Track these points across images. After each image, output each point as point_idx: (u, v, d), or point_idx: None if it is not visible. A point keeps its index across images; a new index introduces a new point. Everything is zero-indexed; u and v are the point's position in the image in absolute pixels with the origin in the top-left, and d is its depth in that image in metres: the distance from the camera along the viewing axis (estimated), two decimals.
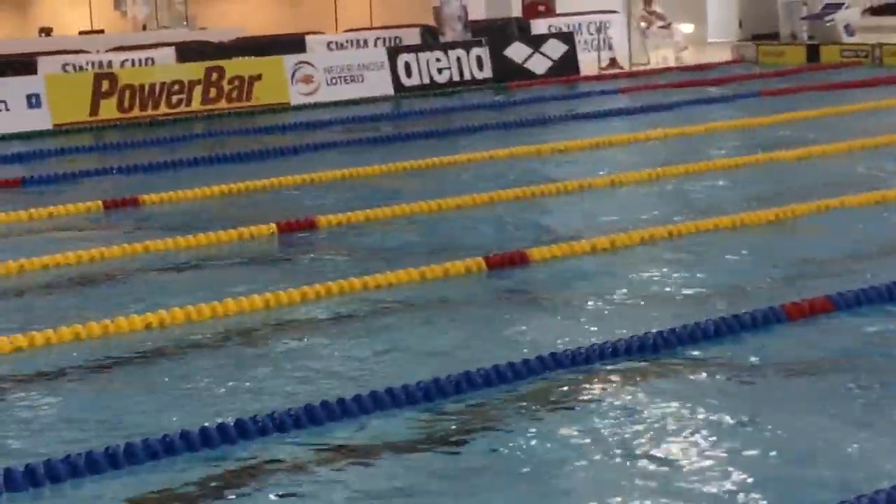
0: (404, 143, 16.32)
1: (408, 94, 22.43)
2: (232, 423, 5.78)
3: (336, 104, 21.33)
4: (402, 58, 23.02)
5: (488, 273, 8.83)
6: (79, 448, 5.59)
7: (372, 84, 22.45)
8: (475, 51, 23.61)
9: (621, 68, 25.43)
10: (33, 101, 19.84)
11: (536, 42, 24.43)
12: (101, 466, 5.44)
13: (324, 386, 6.53)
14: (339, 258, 9.70)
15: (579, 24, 26.59)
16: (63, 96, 20.09)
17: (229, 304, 8.06)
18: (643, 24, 26.79)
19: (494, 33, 24.96)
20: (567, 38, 24.65)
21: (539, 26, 26.62)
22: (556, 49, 24.23)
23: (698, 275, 8.65)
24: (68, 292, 9.04)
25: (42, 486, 5.32)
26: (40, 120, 19.74)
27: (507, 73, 23.58)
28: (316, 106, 21.29)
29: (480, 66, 23.57)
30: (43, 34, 32.06)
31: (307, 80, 21.89)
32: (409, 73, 22.95)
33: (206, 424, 5.78)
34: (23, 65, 21.96)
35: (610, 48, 26.07)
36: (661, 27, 26.74)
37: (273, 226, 10.55)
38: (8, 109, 19.58)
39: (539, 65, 23.95)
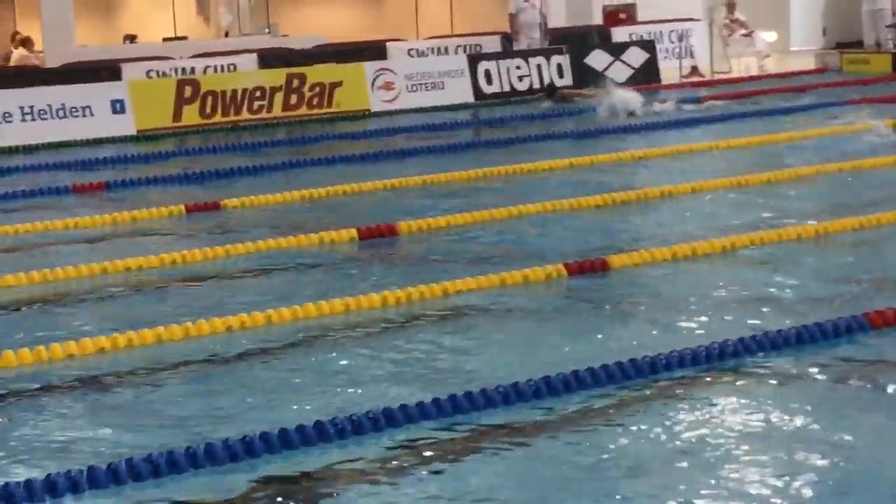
0: (484, 150, 16.32)
1: (488, 101, 22.44)
2: (311, 425, 5.79)
3: (416, 111, 21.40)
4: (483, 65, 23.05)
5: (568, 280, 8.80)
6: (159, 448, 5.63)
7: (452, 91, 22.49)
8: (556, 59, 23.58)
9: (702, 76, 25.28)
10: (118, 106, 20.07)
11: (617, 50, 24.38)
12: (181, 467, 5.48)
13: (402, 389, 6.53)
14: (418, 264, 9.71)
15: (661, 32, 26.50)
16: (146, 102, 20.31)
17: (309, 308, 8.09)
18: (725, 32, 26.64)
19: (575, 41, 24.92)
20: (648, 46, 24.57)
21: (620, 34, 26.55)
22: (637, 57, 24.17)
23: (781, 283, 8.56)
24: (150, 295, 9.12)
25: (124, 485, 5.36)
26: (124, 125, 19.97)
27: (588, 80, 23.52)
28: (396, 113, 21.37)
29: (561, 73, 23.54)
30: (127, 41, 32.39)
31: (388, 86, 21.96)
32: (489, 81, 22.98)
33: (286, 426, 5.80)
34: (108, 71, 22.23)
35: (691, 56, 25.95)
36: (744, 35, 26.57)
37: (354, 231, 10.58)
38: (93, 115, 19.83)
39: (620, 73, 23.87)
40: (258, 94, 20.98)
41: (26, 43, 27.67)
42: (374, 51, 24.67)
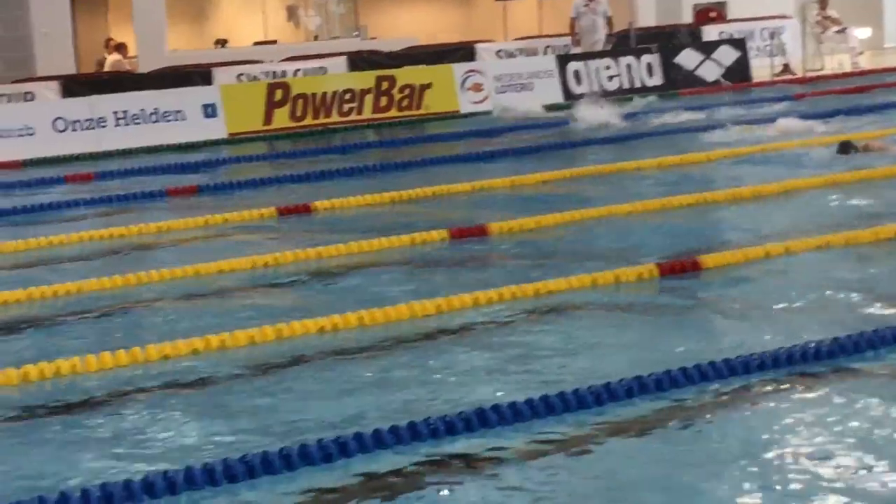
0: (574, 151, 16.28)
1: (577, 101, 22.37)
2: (405, 426, 5.79)
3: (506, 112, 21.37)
4: (572, 66, 23.00)
5: (660, 279, 8.74)
6: (256, 449, 5.65)
7: (541, 92, 22.45)
8: (645, 58, 23.48)
9: (794, 74, 25.04)
10: (209, 110, 20.27)
11: (708, 49, 24.22)
12: (275, 467, 5.49)
13: (493, 389, 6.51)
14: (510, 264, 9.70)
15: (751, 30, 26.27)
16: (238, 106, 20.49)
17: (401, 309, 8.10)
18: (818, 29, 26.36)
19: (665, 40, 24.79)
20: (739, 44, 24.39)
21: (710, 33, 26.40)
22: (727, 55, 23.99)
23: (877, 281, 8.45)
24: (243, 297, 9.18)
25: (219, 486, 5.39)
26: (216, 129, 20.16)
27: (678, 80, 23.40)
28: (486, 114, 21.37)
29: (651, 73, 23.44)
30: (218, 45, 32.69)
31: (477, 88, 21.97)
32: (578, 81, 22.91)
33: (380, 427, 5.81)
34: (199, 75, 22.47)
35: (783, 54, 25.69)
36: (837, 32, 26.29)
37: (445, 232, 10.59)
38: (185, 119, 20.04)
39: (710, 71, 23.71)
40: (348, 96, 21.09)
41: (120, 48, 28.02)
42: (463, 52, 24.72)
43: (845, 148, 13.88)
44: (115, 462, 5.78)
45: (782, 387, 6.32)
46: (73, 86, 22.05)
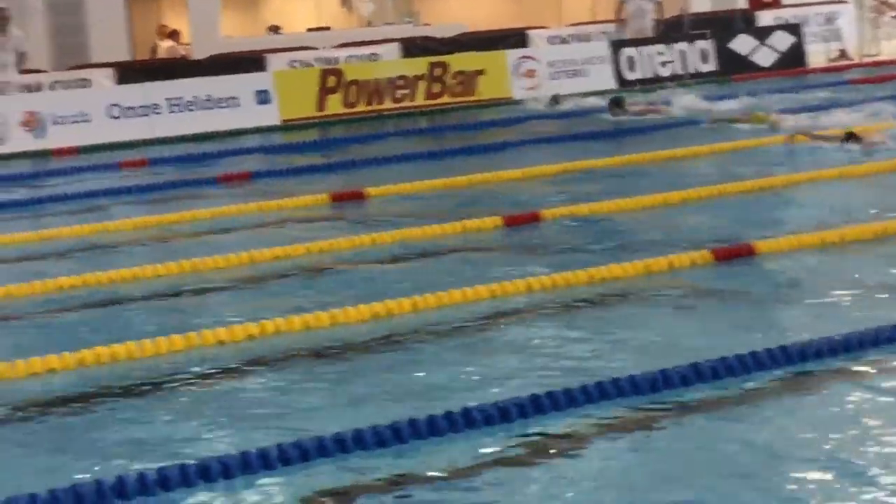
0: (627, 137, 16.22)
1: (631, 87, 22.29)
2: (459, 412, 5.78)
3: None
4: (625, 52, 22.92)
5: (715, 266, 8.70)
6: (316, 432, 5.66)
7: (595, 78, 22.39)
8: (699, 44, 23.37)
9: (851, 60, 24.84)
10: (262, 97, 20.36)
11: (762, 34, 24.08)
12: (329, 451, 5.50)
13: (547, 376, 6.50)
14: (563, 250, 9.68)
15: (807, 16, 26.08)
16: (291, 92, 20.57)
17: (454, 294, 8.10)
18: (874, 14, 26.13)
19: (719, 26, 24.65)
20: (794, 29, 24.24)
21: (765, 18, 26.22)
22: (782, 41, 23.85)
23: None
24: (297, 283, 9.21)
25: (274, 470, 5.40)
26: (269, 115, 20.24)
27: (733, 65, 23.28)
28: (538, 100, 21.31)
29: (705, 59, 23.33)
30: (271, 32, 32.79)
31: (530, 74, 21.93)
32: (632, 67, 22.84)
33: (435, 413, 5.81)
34: (253, 62, 22.54)
35: (839, 39, 25.49)
36: (894, 17, 26.05)
37: (499, 218, 10.58)
38: (239, 105, 20.14)
39: (765, 57, 23.58)
40: (401, 82, 21.13)
41: (174, 35, 28.16)
42: (516, 38, 24.65)
43: (849, 138, 13.64)
44: (170, 446, 5.82)
45: (840, 375, 6.28)
46: (128, 72, 22.16)
